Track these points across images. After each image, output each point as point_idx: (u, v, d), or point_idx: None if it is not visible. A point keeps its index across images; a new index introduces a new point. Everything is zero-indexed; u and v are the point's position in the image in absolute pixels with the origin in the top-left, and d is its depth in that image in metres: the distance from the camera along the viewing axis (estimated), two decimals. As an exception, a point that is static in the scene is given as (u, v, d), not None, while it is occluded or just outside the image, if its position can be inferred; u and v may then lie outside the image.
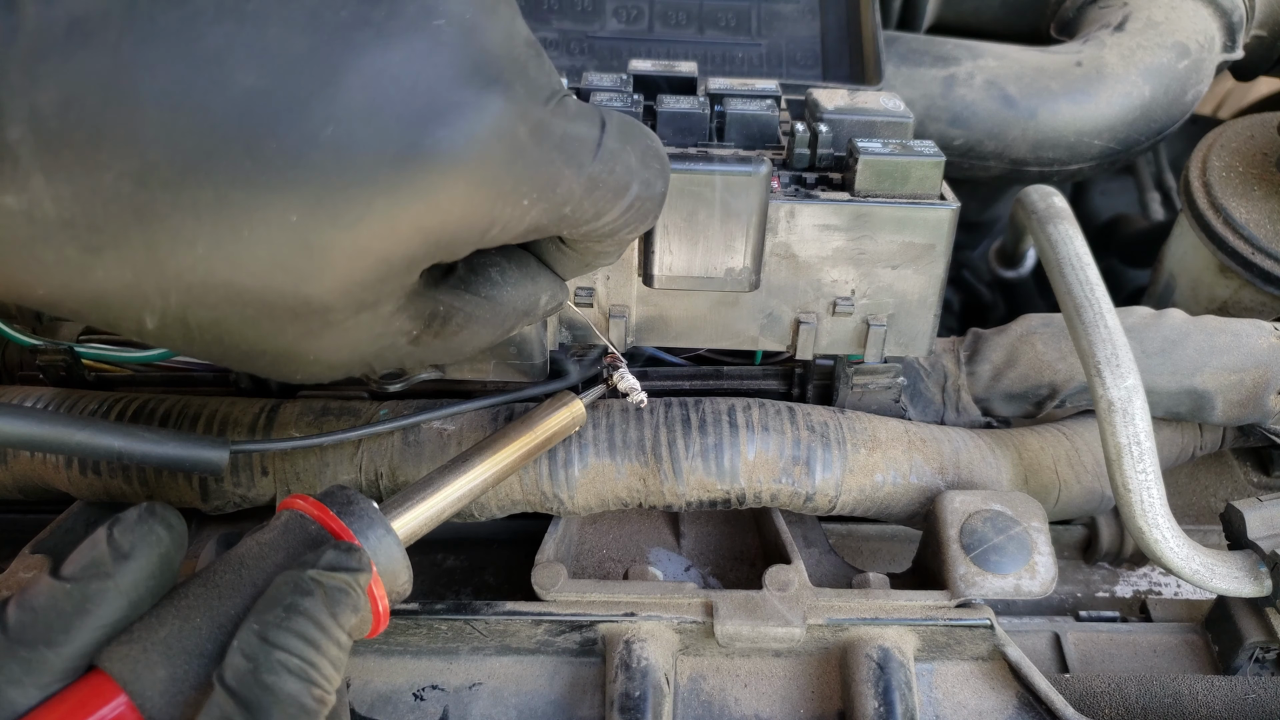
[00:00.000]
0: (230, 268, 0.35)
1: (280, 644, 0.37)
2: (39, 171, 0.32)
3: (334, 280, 0.36)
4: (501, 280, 0.46)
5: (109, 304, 0.35)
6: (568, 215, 0.40)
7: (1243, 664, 0.60)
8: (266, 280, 0.36)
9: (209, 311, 0.36)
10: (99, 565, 0.38)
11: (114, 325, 0.37)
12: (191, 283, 0.35)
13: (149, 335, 0.37)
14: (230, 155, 0.33)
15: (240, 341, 0.38)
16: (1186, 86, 0.93)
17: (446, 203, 0.36)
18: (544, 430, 0.56)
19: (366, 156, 0.34)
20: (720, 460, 0.60)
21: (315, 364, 0.41)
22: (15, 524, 0.70)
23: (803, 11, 0.90)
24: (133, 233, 0.33)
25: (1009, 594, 0.56)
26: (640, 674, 0.54)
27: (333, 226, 0.35)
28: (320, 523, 0.43)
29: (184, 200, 0.33)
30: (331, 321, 0.38)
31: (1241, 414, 0.66)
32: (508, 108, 0.37)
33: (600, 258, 0.47)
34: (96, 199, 0.33)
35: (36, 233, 0.33)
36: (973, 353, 0.70)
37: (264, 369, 0.41)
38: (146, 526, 0.39)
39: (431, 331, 0.43)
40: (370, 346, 0.41)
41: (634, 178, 0.42)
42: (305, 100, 0.33)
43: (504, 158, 0.37)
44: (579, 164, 0.40)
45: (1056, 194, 0.67)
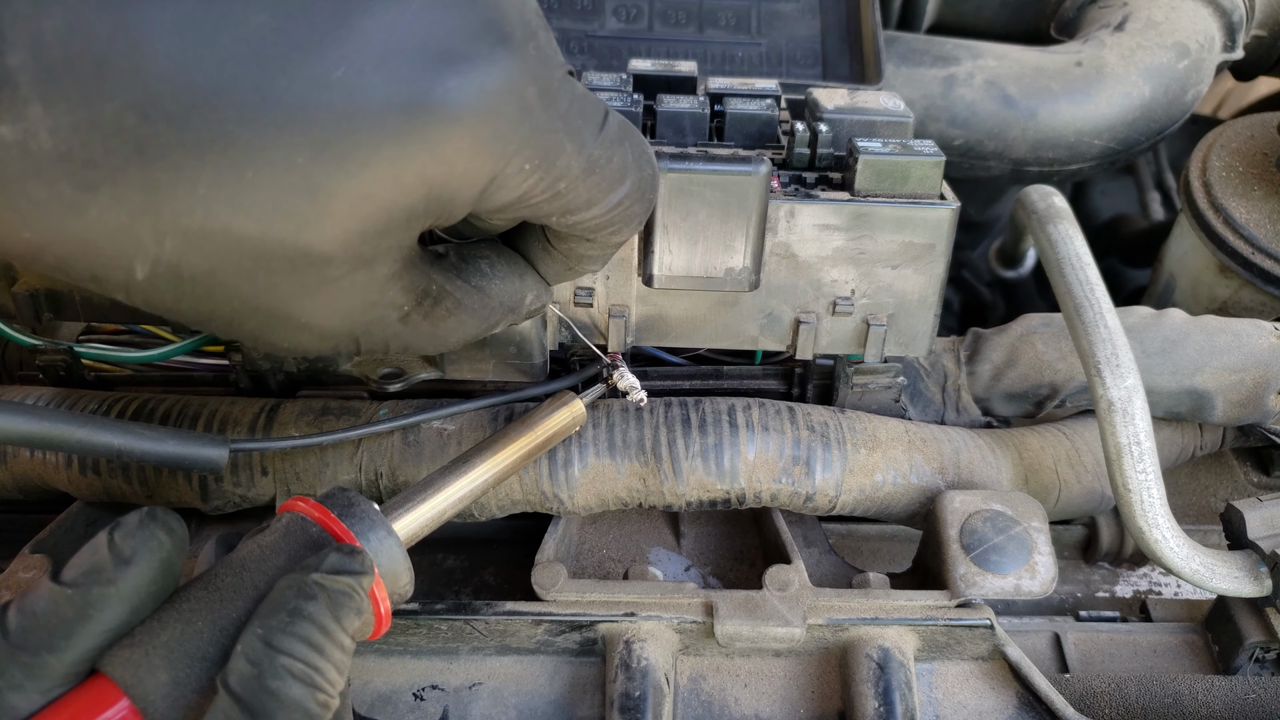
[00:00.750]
0: (231, 210, 0.34)
1: (284, 649, 0.37)
2: (38, 100, 0.31)
3: (335, 228, 0.36)
4: (491, 272, 0.46)
5: (99, 248, 0.34)
6: (562, 193, 0.40)
7: (1243, 664, 0.60)
8: (268, 225, 0.35)
9: (204, 260, 0.35)
10: (100, 571, 0.38)
11: (100, 276, 0.35)
12: (189, 226, 0.34)
13: (136, 289, 0.36)
14: (239, 92, 0.32)
15: (232, 297, 0.37)
16: (1186, 86, 0.93)
17: (452, 154, 0.36)
18: (544, 430, 0.56)
19: (377, 101, 0.34)
20: (720, 460, 0.60)
21: (304, 329, 0.40)
22: (15, 524, 0.70)
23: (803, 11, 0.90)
24: (132, 169, 0.32)
25: (1009, 594, 0.56)
26: (640, 674, 0.54)
27: (339, 170, 0.34)
28: (322, 525, 0.43)
29: (188, 137, 0.32)
30: (328, 278, 0.38)
31: (1241, 414, 0.66)
32: (519, 66, 0.37)
33: (584, 262, 0.47)
34: (96, 132, 0.31)
35: (29, 166, 0.32)
36: (973, 353, 0.70)
37: (252, 332, 0.40)
38: (148, 531, 0.39)
39: (421, 311, 0.43)
40: (361, 315, 0.41)
41: (629, 174, 0.42)
42: (318, 41, 0.33)
43: (512, 115, 0.37)
44: (581, 141, 0.40)
45: (1056, 194, 0.67)
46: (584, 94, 0.40)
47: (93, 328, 0.68)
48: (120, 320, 0.64)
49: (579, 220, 0.42)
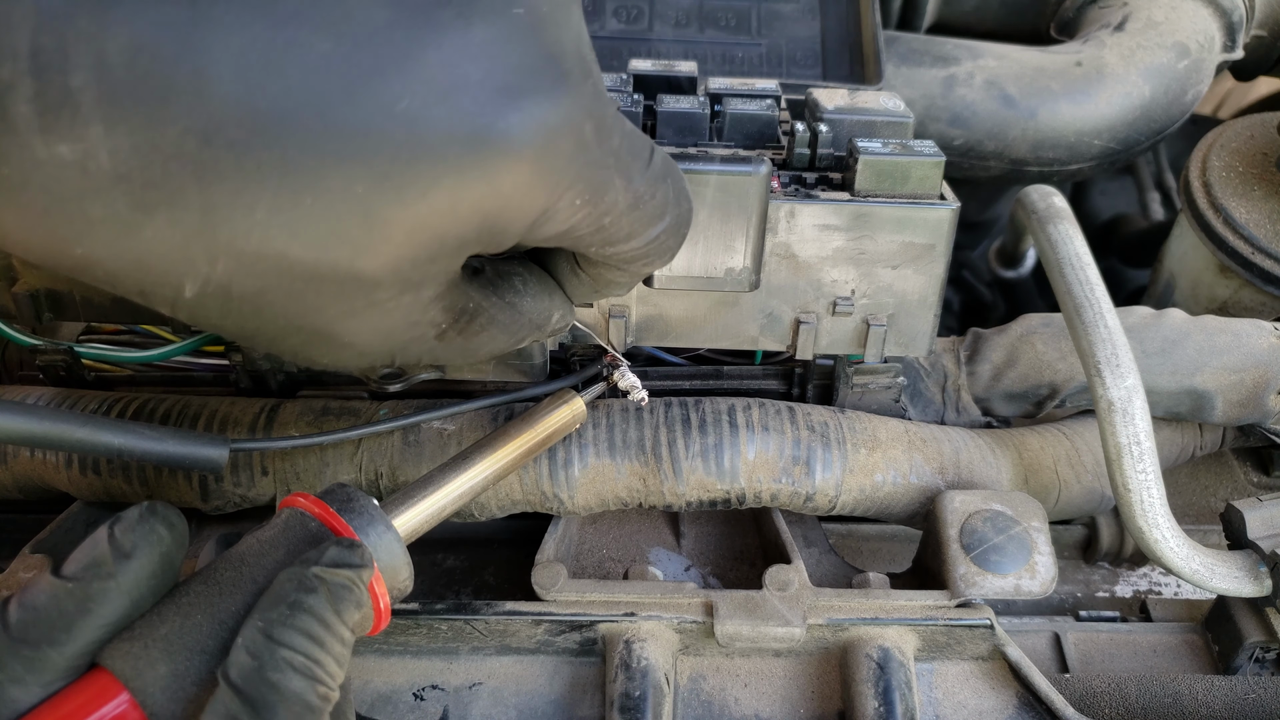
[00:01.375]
0: (287, 236, 0.34)
1: (285, 641, 0.37)
2: (99, 122, 0.31)
3: (388, 256, 0.36)
4: (523, 289, 0.47)
5: (150, 268, 0.34)
6: (605, 227, 0.41)
7: (1243, 664, 0.60)
8: (322, 251, 0.35)
9: (255, 281, 0.35)
10: (101, 564, 0.38)
11: (149, 293, 0.36)
12: (244, 249, 0.34)
13: (183, 306, 0.36)
14: (301, 120, 0.32)
15: (278, 316, 0.37)
16: (1186, 86, 0.93)
17: (509, 187, 0.36)
18: (545, 428, 0.56)
19: (439, 133, 0.34)
20: (720, 460, 0.60)
21: (346, 347, 0.40)
22: (15, 524, 0.70)
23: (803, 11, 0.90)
24: (190, 192, 0.32)
25: (1009, 594, 0.56)
26: (640, 674, 0.54)
27: (397, 201, 0.35)
28: (321, 520, 0.43)
29: (249, 163, 0.32)
30: (375, 300, 0.38)
31: (1241, 414, 0.66)
32: (577, 103, 0.37)
33: (611, 287, 0.47)
34: (157, 154, 0.31)
35: (88, 186, 0.32)
36: (973, 353, 0.70)
37: (293, 349, 0.40)
38: (148, 525, 0.39)
39: (457, 328, 0.43)
40: (402, 334, 0.41)
41: (669, 209, 0.43)
42: (382, 71, 0.33)
43: (568, 151, 0.37)
44: (629, 177, 0.40)
45: (1056, 194, 0.67)
46: (633, 130, 0.41)
47: (93, 328, 0.68)
48: (121, 320, 0.64)
49: (616, 252, 0.43)
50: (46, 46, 0.30)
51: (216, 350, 0.67)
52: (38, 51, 0.30)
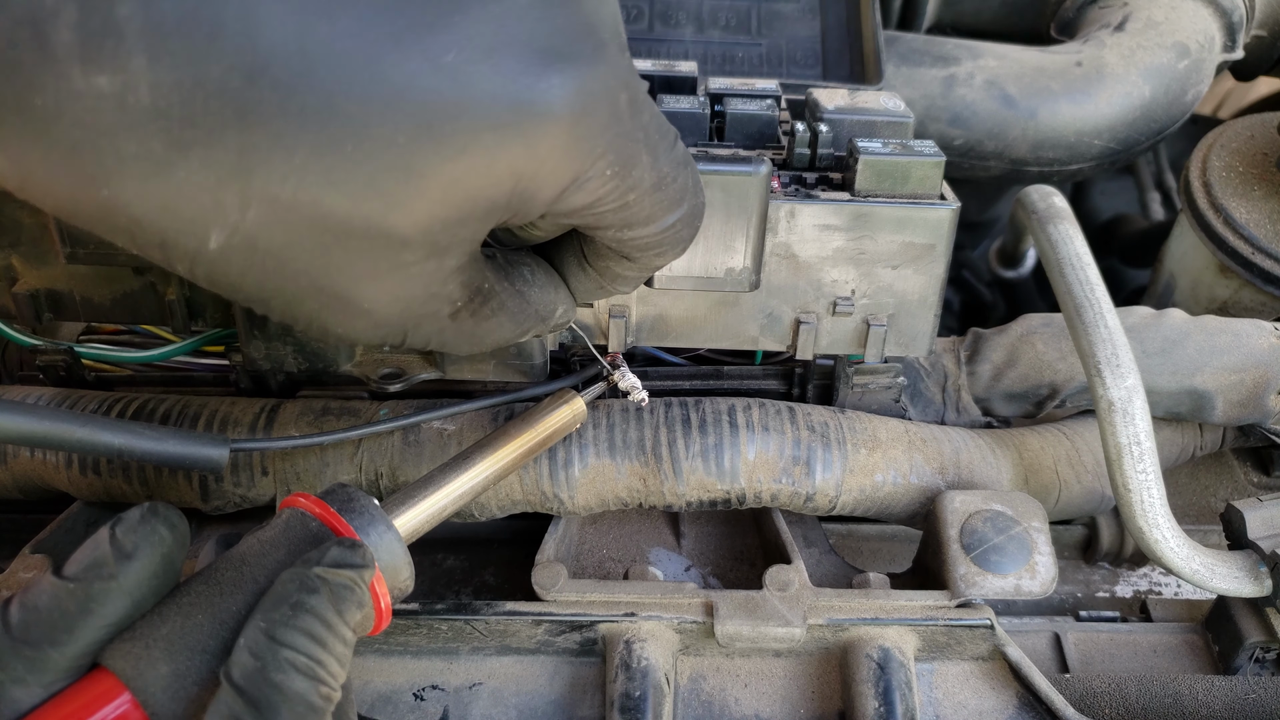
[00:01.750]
0: (324, 183, 0.34)
1: (287, 642, 0.37)
2: (143, 54, 0.30)
3: (421, 213, 0.36)
4: (531, 279, 0.47)
5: (178, 212, 0.33)
6: (629, 204, 0.41)
7: (1243, 664, 0.60)
8: (357, 202, 0.35)
9: (284, 233, 0.35)
10: (102, 565, 0.38)
11: (170, 244, 0.35)
12: (278, 196, 0.33)
13: (204, 260, 0.35)
14: (349, 66, 0.32)
15: (301, 274, 0.37)
16: (1186, 86, 0.93)
17: (545, 150, 0.36)
18: (545, 427, 0.56)
19: (482, 90, 0.34)
20: (720, 460, 0.60)
21: (363, 315, 0.40)
22: (15, 524, 0.70)
23: (803, 11, 0.90)
24: (230, 132, 0.32)
25: (1009, 594, 0.56)
26: (640, 674, 0.54)
27: (436, 154, 0.34)
28: (322, 520, 0.43)
29: (293, 104, 0.32)
30: (401, 263, 0.38)
31: (1241, 414, 0.66)
32: (615, 72, 0.37)
33: (618, 282, 0.47)
34: (199, 91, 0.31)
35: (123, 120, 0.31)
36: (973, 353, 0.70)
37: (309, 313, 0.40)
38: (149, 526, 0.39)
39: (470, 308, 0.43)
40: (420, 306, 0.41)
41: (687, 197, 0.43)
42: (430, 24, 0.33)
43: (603, 120, 0.37)
44: (655, 154, 0.40)
45: (1056, 194, 0.67)
46: (659, 111, 0.41)
47: (93, 328, 0.69)
48: (120, 320, 0.64)
49: (633, 236, 0.43)
50: None
51: (216, 350, 0.67)
52: None
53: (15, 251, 0.61)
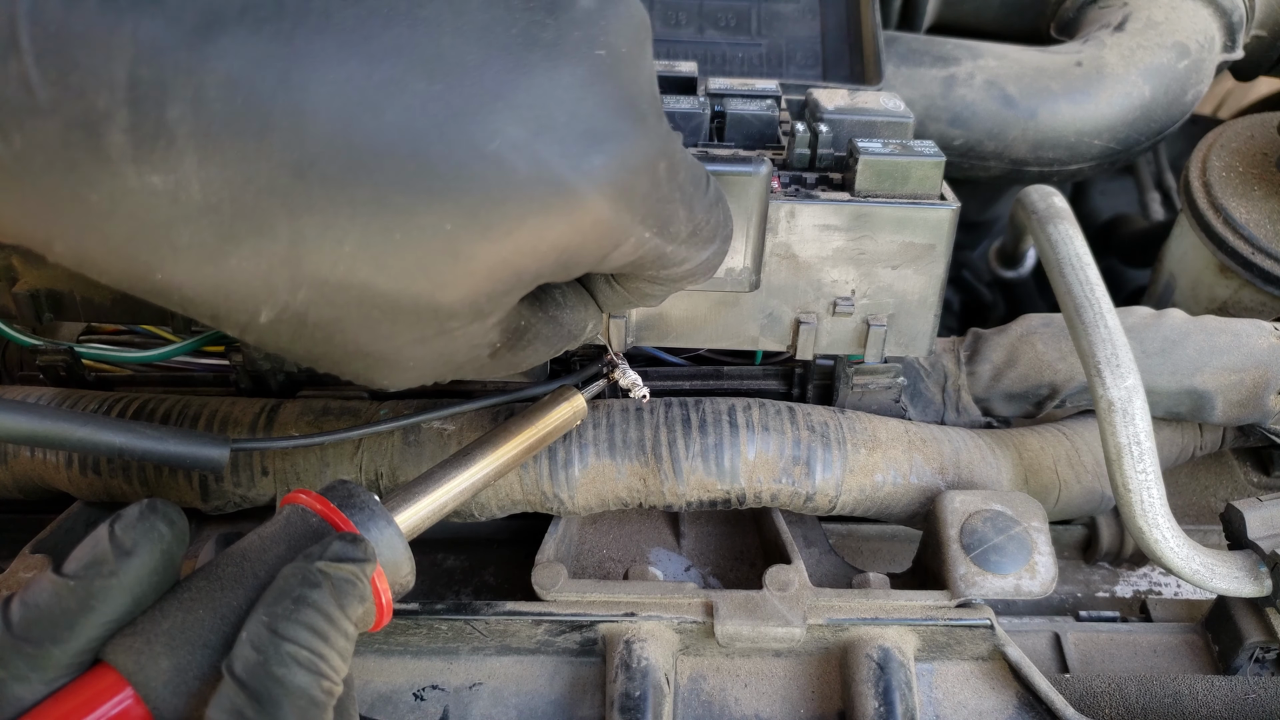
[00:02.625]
0: (373, 269, 0.35)
1: (289, 636, 0.37)
2: (193, 153, 0.31)
3: (468, 289, 0.37)
4: (563, 302, 0.48)
5: (230, 294, 0.35)
6: (667, 255, 0.42)
7: (1243, 664, 0.60)
8: (406, 284, 0.35)
9: (333, 311, 0.36)
10: (102, 562, 0.38)
11: (223, 318, 0.36)
12: (328, 280, 0.34)
13: (254, 330, 0.36)
14: (395, 157, 0.33)
15: (349, 343, 0.38)
16: (1186, 86, 0.93)
17: (589, 226, 0.37)
18: (545, 424, 0.56)
19: (526, 174, 0.35)
20: (720, 460, 0.60)
21: (409, 370, 0.41)
22: (15, 524, 0.70)
23: (803, 11, 0.90)
24: (280, 224, 0.33)
25: (1009, 594, 0.56)
26: (640, 674, 0.54)
27: (483, 238, 0.35)
28: (323, 515, 0.43)
29: (342, 197, 0.33)
30: (446, 329, 0.39)
31: (1241, 414, 0.66)
32: (653, 143, 0.38)
33: (646, 299, 0.48)
34: (249, 187, 0.32)
35: (176, 215, 0.32)
36: (973, 353, 0.70)
37: (356, 372, 0.41)
38: (148, 523, 0.39)
39: (508, 346, 0.44)
40: (463, 356, 0.42)
41: (719, 233, 0.44)
42: (475, 111, 0.34)
43: (644, 190, 0.38)
44: (690, 208, 0.41)
45: (1056, 194, 0.67)
46: (694, 161, 0.42)
47: (93, 328, 0.69)
48: (121, 320, 0.64)
49: (668, 274, 0.44)
50: (144, 78, 0.30)
51: (216, 350, 0.67)
52: (136, 83, 0.30)
53: (15, 251, 0.61)
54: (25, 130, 0.30)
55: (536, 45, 0.35)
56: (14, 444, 0.63)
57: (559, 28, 0.36)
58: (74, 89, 0.30)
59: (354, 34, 0.32)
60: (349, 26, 0.32)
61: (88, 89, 0.30)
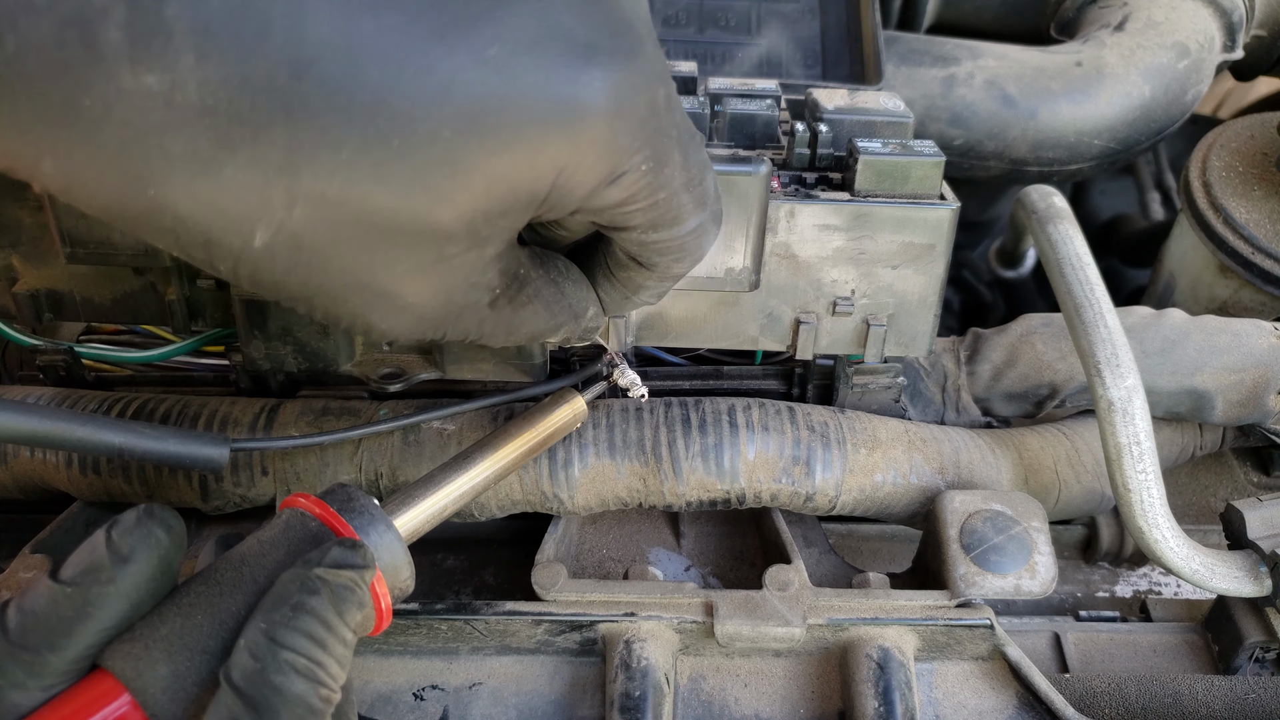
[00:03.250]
0: (370, 179, 0.34)
1: (287, 643, 0.37)
2: (191, 51, 0.30)
3: (465, 206, 0.36)
4: (566, 274, 0.47)
5: (224, 210, 0.33)
6: (659, 203, 0.41)
7: (1243, 664, 0.60)
8: (403, 198, 0.35)
9: (329, 230, 0.35)
10: (99, 569, 0.38)
11: (215, 242, 0.35)
12: (325, 192, 0.34)
13: (248, 258, 0.35)
14: (395, 60, 0.32)
15: (345, 271, 0.37)
16: (1186, 86, 0.92)
17: (586, 143, 0.36)
18: (546, 427, 0.56)
19: (525, 83, 0.34)
20: (720, 460, 0.60)
21: (405, 310, 0.40)
22: (15, 524, 0.70)
23: (803, 11, 0.90)
24: (277, 128, 0.32)
25: (1009, 594, 0.56)
26: (640, 674, 0.54)
27: (481, 147, 0.35)
28: (322, 520, 0.43)
29: (340, 100, 0.32)
30: (443, 255, 0.38)
31: (1241, 414, 0.66)
32: (654, 67, 0.38)
33: (642, 292, 0.47)
34: (246, 88, 0.31)
35: (171, 119, 0.31)
36: (973, 353, 0.70)
37: (352, 310, 0.40)
38: (145, 529, 0.39)
39: (508, 296, 0.43)
40: (461, 297, 0.41)
41: (709, 200, 0.43)
42: (474, 18, 0.33)
43: (642, 114, 0.37)
44: (686, 153, 0.40)
45: (1056, 194, 0.67)
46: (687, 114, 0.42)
47: (93, 328, 0.69)
48: (121, 320, 0.64)
49: (657, 239, 0.43)
50: None
51: (216, 350, 0.67)
52: None
53: (15, 251, 0.61)
54: (20, 30, 0.29)
55: None
56: (14, 444, 0.63)
57: None
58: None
59: None
60: None
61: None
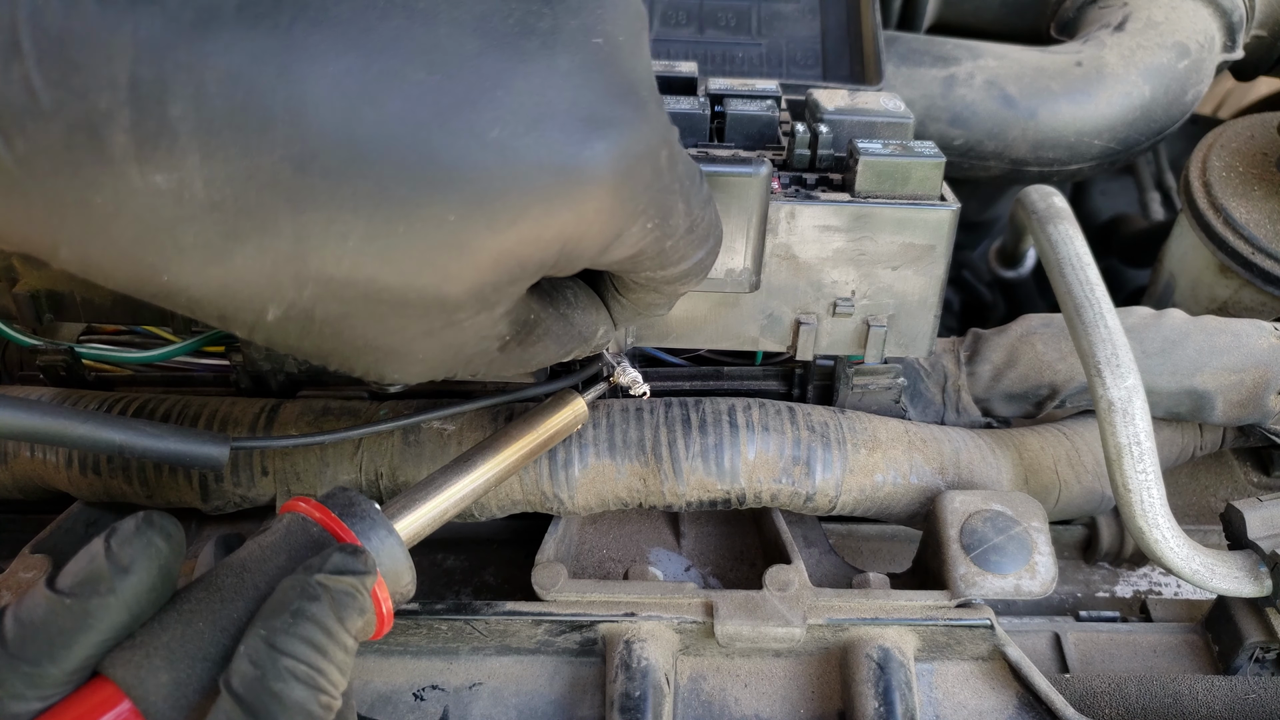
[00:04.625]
0: (378, 263, 0.34)
1: (288, 650, 0.37)
2: (196, 151, 0.31)
3: (474, 280, 0.37)
4: (574, 302, 0.48)
5: (236, 294, 0.34)
6: (666, 250, 0.42)
7: (1243, 664, 0.60)
8: (411, 277, 0.35)
9: (339, 306, 0.36)
10: (99, 579, 0.38)
11: (230, 318, 0.36)
12: (334, 276, 0.34)
13: (262, 329, 0.36)
14: (398, 149, 0.33)
15: (357, 338, 0.38)
16: (1186, 86, 0.93)
17: (592, 214, 0.37)
18: (547, 429, 0.56)
19: (529, 162, 0.35)
20: (720, 460, 0.60)
21: (419, 364, 0.41)
22: (15, 524, 0.70)
23: (803, 11, 0.90)
24: (283, 220, 0.33)
25: (1009, 594, 0.56)
26: (640, 674, 0.54)
27: (487, 228, 0.35)
28: (323, 525, 0.43)
29: (344, 190, 0.33)
30: (454, 321, 0.38)
31: (1241, 414, 0.66)
32: (655, 130, 0.38)
33: (651, 309, 0.48)
34: (252, 183, 0.32)
35: (181, 214, 0.32)
36: (973, 353, 0.70)
37: (366, 367, 0.41)
38: (145, 538, 0.39)
39: (518, 340, 0.44)
40: (472, 348, 0.42)
41: (713, 232, 0.44)
42: (474, 101, 0.34)
43: (646, 179, 0.38)
44: (689, 200, 0.41)
45: (1056, 194, 0.67)
46: (688, 156, 0.42)
47: (93, 328, 0.68)
48: (121, 321, 0.64)
49: (665, 275, 0.44)
50: (145, 77, 0.30)
51: (216, 350, 0.67)
52: (136, 82, 0.30)
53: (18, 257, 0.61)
54: (28, 134, 0.30)
55: (533, 34, 0.35)
56: (13, 441, 0.63)
57: (555, 16, 0.36)
58: (76, 90, 0.30)
59: (351, 26, 0.32)
60: (345, 19, 0.32)
61: (90, 90, 0.30)
